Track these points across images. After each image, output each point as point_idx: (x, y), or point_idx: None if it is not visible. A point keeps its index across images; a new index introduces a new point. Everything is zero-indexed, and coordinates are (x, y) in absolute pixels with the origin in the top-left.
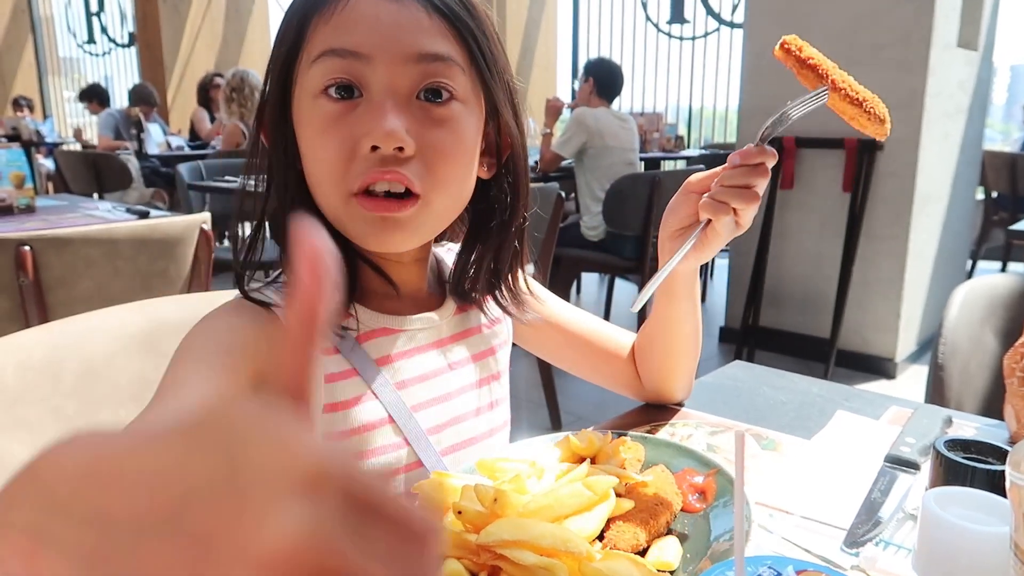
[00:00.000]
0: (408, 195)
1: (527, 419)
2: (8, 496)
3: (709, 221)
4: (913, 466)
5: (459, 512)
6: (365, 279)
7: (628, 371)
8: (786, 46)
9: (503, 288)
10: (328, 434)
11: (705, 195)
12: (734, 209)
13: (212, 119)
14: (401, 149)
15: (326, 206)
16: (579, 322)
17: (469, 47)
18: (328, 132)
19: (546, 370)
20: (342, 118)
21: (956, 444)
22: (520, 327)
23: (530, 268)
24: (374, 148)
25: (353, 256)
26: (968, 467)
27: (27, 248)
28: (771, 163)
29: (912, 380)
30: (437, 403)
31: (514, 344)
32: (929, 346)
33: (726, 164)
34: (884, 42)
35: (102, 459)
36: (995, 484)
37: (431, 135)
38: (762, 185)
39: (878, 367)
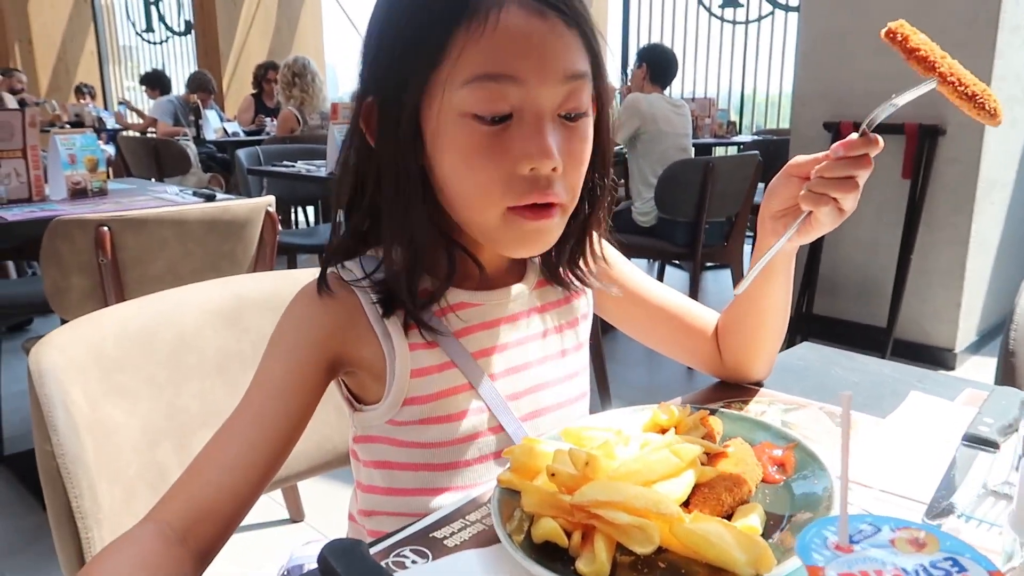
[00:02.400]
0: (551, 205)
1: None
2: None
3: (811, 211)
4: (993, 445)
5: (552, 475)
6: (459, 264)
7: (710, 348)
8: (892, 33)
9: (586, 257)
10: (413, 398)
11: (805, 186)
12: (834, 199)
13: (261, 108)
14: (555, 169)
15: (476, 219)
16: (664, 297)
17: (593, 52)
18: (481, 154)
19: (597, 355)
20: (495, 139)
21: None
22: (603, 300)
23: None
24: (531, 169)
25: (451, 245)
26: None
27: (106, 229)
28: (875, 152)
29: (973, 370)
30: (516, 372)
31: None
32: (990, 337)
33: (828, 152)
34: (948, 25)
35: None
36: None
37: (570, 149)
38: (864, 176)
39: (937, 357)
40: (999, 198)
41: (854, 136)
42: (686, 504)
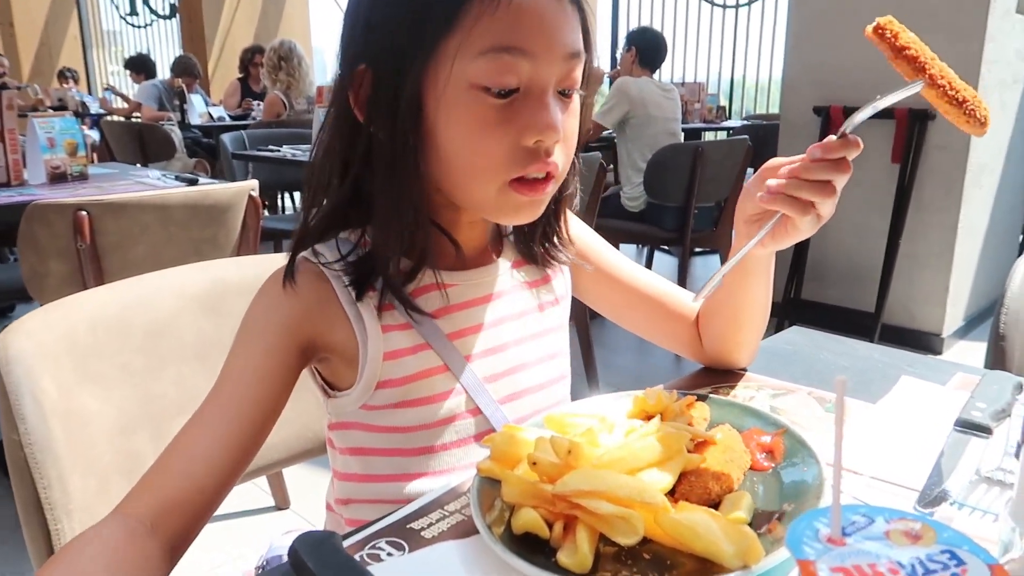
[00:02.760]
0: (547, 177)
1: None
2: None
3: (784, 215)
4: (985, 430)
5: (534, 463)
6: (436, 243)
7: (692, 333)
8: (880, 30)
9: (559, 234)
10: (386, 380)
11: (776, 187)
12: (811, 203)
13: (247, 92)
14: (555, 141)
15: (473, 191)
16: (644, 280)
17: (587, 31)
18: (489, 126)
19: (585, 340)
20: (502, 112)
21: None
22: (581, 281)
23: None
24: (536, 141)
25: (427, 224)
26: None
27: (84, 213)
28: (854, 155)
29: (960, 355)
30: (493, 352)
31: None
32: (978, 321)
33: (805, 156)
34: (939, 8)
35: None
36: None
37: (566, 124)
38: (842, 181)
39: (924, 342)
40: (987, 183)
41: (832, 138)
42: (672, 493)
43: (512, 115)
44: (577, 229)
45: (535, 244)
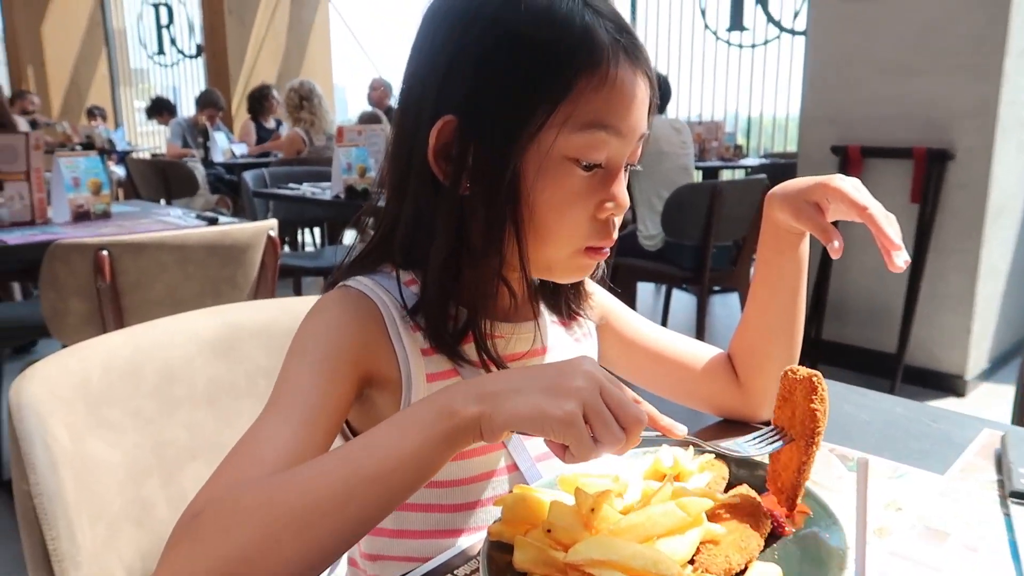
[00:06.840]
0: None
1: None
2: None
3: None
4: None
5: (548, 530)
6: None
7: (713, 387)
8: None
9: (580, 293)
10: None
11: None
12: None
13: (260, 130)
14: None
15: (546, 253)
16: (665, 340)
17: (652, 109)
18: (575, 198)
19: None
20: (586, 184)
21: None
22: (606, 350)
23: None
24: (610, 214)
25: (497, 278)
26: None
27: (105, 253)
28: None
29: (984, 398)
30: None
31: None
32: (1003, 363)
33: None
34: (956, 48)
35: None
36: None
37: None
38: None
39: (947, 384)
40: (1008, 223)
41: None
42: (692, 563)
43: (592, 188)
44: (598, 292)
45: (561, 297)
